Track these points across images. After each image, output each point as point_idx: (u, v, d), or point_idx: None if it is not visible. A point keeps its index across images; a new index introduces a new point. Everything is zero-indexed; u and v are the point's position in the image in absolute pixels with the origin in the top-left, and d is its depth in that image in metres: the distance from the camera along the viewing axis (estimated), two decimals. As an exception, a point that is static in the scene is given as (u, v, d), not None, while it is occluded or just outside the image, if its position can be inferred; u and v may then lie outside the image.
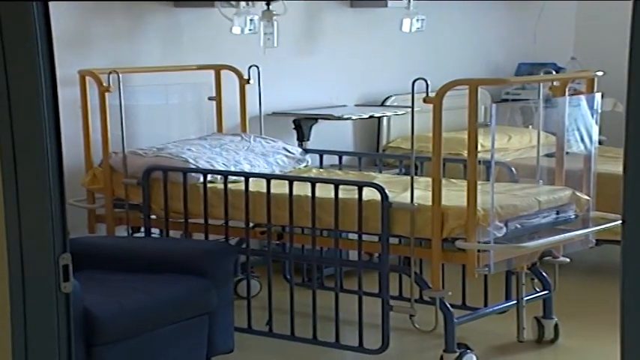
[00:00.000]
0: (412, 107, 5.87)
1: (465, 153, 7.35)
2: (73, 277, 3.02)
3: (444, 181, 5.82)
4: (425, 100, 5.74)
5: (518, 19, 10.08)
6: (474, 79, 5.84)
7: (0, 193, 2.89)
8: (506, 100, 8.69)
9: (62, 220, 3.03)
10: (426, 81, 5.72)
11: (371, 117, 8.36)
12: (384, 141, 8.66)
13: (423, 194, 5.90)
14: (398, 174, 7.40)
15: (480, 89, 5.98)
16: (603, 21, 10.22)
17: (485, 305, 6.52)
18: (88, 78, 6.63)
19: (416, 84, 5.74)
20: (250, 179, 6.28)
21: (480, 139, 7.87)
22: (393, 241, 6.01)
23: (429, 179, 5.94)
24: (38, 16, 2.98)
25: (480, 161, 6.25)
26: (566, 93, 6.43)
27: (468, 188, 5.67)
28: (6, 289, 2.91)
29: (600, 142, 7.20)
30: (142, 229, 6.75)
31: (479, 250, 5.69)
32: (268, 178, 6.25)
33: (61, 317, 3.00)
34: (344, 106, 8.52)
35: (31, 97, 2.95)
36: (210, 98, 7.45)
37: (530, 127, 8.68)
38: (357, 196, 5.89)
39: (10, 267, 2.91)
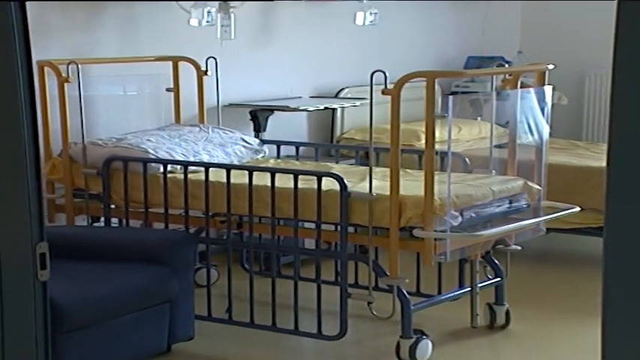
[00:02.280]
0: (371, 99, 5.82)
1: (418, 144, 7.47)
2: (49, 265, 3.01)
3: (400, 172, 5.77)
4: (383, 92, 5.71)
5: (467, 14, 10.10)
6: (431, 72, 5.86)
7: None
8: (455, 93, 8.70)
9: (39, 209, 2.99)
10: (384, 73, 5.68)
11: (326, 108, 8.37)
12: (338, 132, 8.67)
13: (380, 184, 5.88)
14: (354, 164, 7.39)
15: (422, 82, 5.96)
16: (548, 16, 10.36)
17: (439, 292, 6.52)
18: (46, 68, 6.57)
19: (375, 75, 5.68)
20: (210, 169, 6.25)
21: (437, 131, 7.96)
22: (351, 229, 5.96)
23: (385, 169, 5.97)
24: (16, 15, 2.94)
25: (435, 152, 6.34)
26: (518, 86, 6.44)
27: (426, 178, 5.65)
28: None
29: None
30: (102, 219, 6.70)
31: (435, 239, 5.69)
32: (228, 168, 6.22)
33: (38, 304, 2.98)
34: (299, 97, 8.52)
35: (9, 91, 2.92)
36: (168, 89, 7.42)
37: (479, 118, 8.71)
38: (316, 186, 5.87)
39: None
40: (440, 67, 9.35)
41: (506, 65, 9.39)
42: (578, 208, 6.49)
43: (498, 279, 6.50)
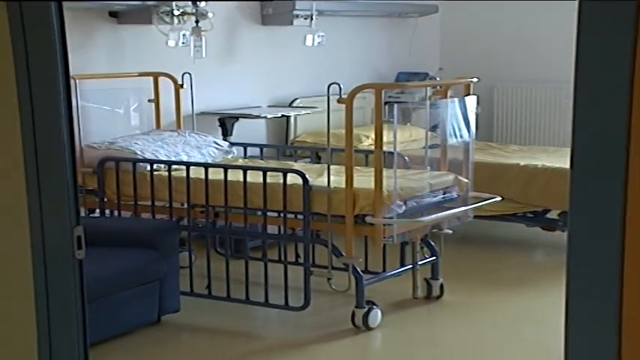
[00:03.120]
0: (328, 106, 5.92)
1: (360, 145, 7.57)
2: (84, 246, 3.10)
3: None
4: (339, 101, 5.80)
5: (397, 36, 10.19)
6: (379, 84, 5.98)
7: (23, 179, 2.96)
8: (388, 103, 8.80)
9: (75, 199, 3.10)
10: (339, 85, 5.77)
11: (282, 116, 8.44)
12: (292, 135, 8.74)
13: (335, 179, 5.96)
14: (309, 162, 7.49)
15: (366, 93, 6.07)
16: (462, 38, 10.47)
17: (384, 270, 6.62)
18: None
19: (331, 87, 5.77)
20: (190, 167, 6.32)
21: (372, 134, 8.05)
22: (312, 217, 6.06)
23: (338, 167, 6.08)
24: (55, 16, 3.03)
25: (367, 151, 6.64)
26: (448, 96, 6.56)
27: (375, 174, 5.78)
28: (29, 257, 2.98)
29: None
30: (97, 211, 6.75)
31: (384, 225, 5.80)
32: (206, 166, 6.32)
33: (76, 277, 3.12)
34: (259, 107, 8.59)
35: (51, 96, 3.01)
36: (150, 100, 7.48)
37: (409, 124, 8.80)
38: (281, 181, 5.97)
39: (33, 239, 2.99)
40: (374, 81, 9.22)
41: (430, 79, 9.59)
42: (499, 198, 6.63)
43: (434, 258, 6.65)
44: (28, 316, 3.05)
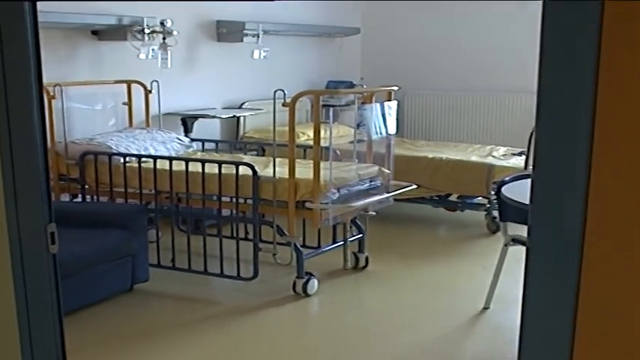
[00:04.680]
0: (274, 108, 5.47)
1: (298, 141, 7.15)
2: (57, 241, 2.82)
3: (287, 161, 5.52)
4: (284, 104, 5.41)
5: (326, 52, 9.84)
6: (317, 91, 5.58)
7: (0, 181, 2.59)
8: (322, 105, 8.43)
9: (48, 198, 2.78)
10: (283, 91, 5.40)
11: (233, 116, 8.01)
12: (241, 132, 8.32)
13: (279, 170, 5.58)
14: (256, 155, 7.07)
15: (304, 97, 5.65)
16: (379, 52, 10.14)
17: (319, 245, 6.24)
18: None
19: (277, 93, 5.35)
20: (157, 160, 5.92)
21: (307, 131, 7.66)
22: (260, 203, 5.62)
23: (280, 159, 5.68)
24: (29, 16, 2.61)
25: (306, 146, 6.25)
26: (373, 100, 6.16)
27: (314, 165, 5.41)
28: (7, 252, 2.66)
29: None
30: (79, 196, 6.31)
31: (321, 209, 5.40)
32: (170, 159, 5.89)
33: (50, 271, 2.85)
34: (214, 108, 8.18)
35: (24, 98, 2.61)
36: (124, 103, 7.05)
37: (336, 122, 8.48)
38: (234, 171, 5.57)
39: (10, 235, 2.66)
40: (309, 88, 9.04)
41: (354, 87, 9.32)
42: (414, 186, 6.30)
43: (360, 235, 6.29)
44: (8, 306, 2.70)
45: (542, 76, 1.88)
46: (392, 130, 6.10)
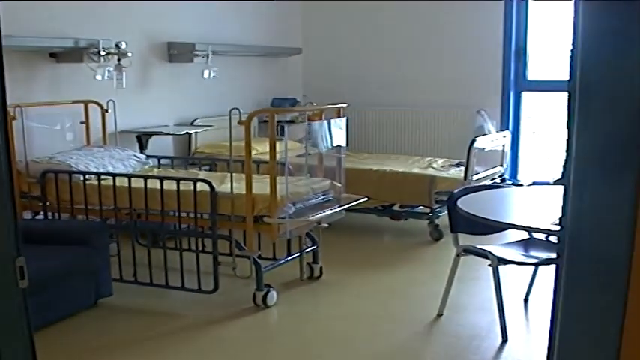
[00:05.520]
0: (230, 126, 5.29)
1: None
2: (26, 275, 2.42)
3: (238, 176, 5.40)
4: (239, 122, 5.17)
5: (271, 71, 9.63)
6: (272, 109, 5.41)
7: None
8: (265, 122, 8.18)
9: (16, 232, 2.40)
10: (238, 110, 5.22)
11: (186, 133, 7.73)
12: (193, 147, 8.03)
13: (235, 185, 5.33)
14: (209, 171, 6.79)
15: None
16: (319, 72, 9.95)
17: (274, 257, 6.03)
18: None
19: (232, 111, 5.18)
20: (116, 177, 5.65)
21: (257, 146, 7.40)
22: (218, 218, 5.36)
23: (238, 174, 5.47)
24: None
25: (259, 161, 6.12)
26: (323, 117, 5.95)
27: (270, 181, 5.17)
28: None
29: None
30: (41, 213, 5.97)
31: (279, 223, 5.16)
32: (129, 176, 5.61)
33: (22, 306, 2.41)
34: (166, 125, 7.88)
35: None
36: (81, 122, 6.71)
37: (283, 138, 8.26)
38: (192, 187, 5.31)
39: None
40: (256, 106, 8.85)
41: (299, 105, 9.12)
42: (366, 199, 6.08)
43: (314, 246, 6.05)
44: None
45: (581, 79, 1.66)
46: (342, 144, 5.89)
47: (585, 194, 1.76)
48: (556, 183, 5.71)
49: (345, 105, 6.00)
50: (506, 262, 4.68)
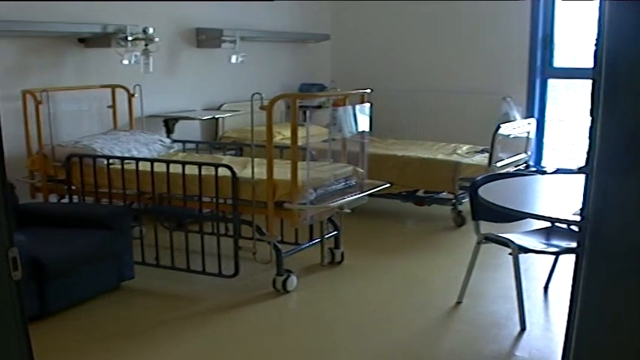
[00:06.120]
0: (252, 111, 5.11)
1: (275, 141, 6.83)
2: (20, 267, 2.26)
3: (261, 161, 5.22)
4: (261, 108, 5.03)
5: (299, 57, 9.46)
6: (294, 94, 5.25)
7: None
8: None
9: (8, 221, 2.23)
10: (260, 95, 5.05)
11: (212, 117, 7.61)
12: (220, 132, 7.92)
13: (258, 170, 5.21)
14: (234, 155, 6.66)
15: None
16: (347, 58, 9.79)
17: (297, 242, 5.89)
18: (27, 95, 5.78)
19: (254, 96, 5.02)
20: (139, 162, 5.54)
21: (282, 131, 7.28)
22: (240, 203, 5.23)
23: (257, 159, 5.31)
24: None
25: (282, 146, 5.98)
26: (347, 102, 5.78)
27: (292, 166, 5.04)
28: None
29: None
30: (66, 197, 5.87)
31: (299, 209, 5.02)
32: (152, 161, 5.51)
33: (15, 299, 2.24)
34: (194, 110, 7.76)
35: None
36: (108, 106, 6.60)
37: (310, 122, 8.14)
38: (214, 172, 5.20)
39: None
40: (283, 90, 8.72)
41: (326, 90, 8.97)
42: (388, 184, 5.91)
43: (336, 232, 5.90)
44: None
45: (607, 68, 1.51)
46: (366, 129, 5.72)
47: (610, 184, 1.62)
48: (580, 171, 5.50)
49: (369, 90, 5.84)
50: (527, 250, 4.50)
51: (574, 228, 4.73)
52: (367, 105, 5.69)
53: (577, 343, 1.99)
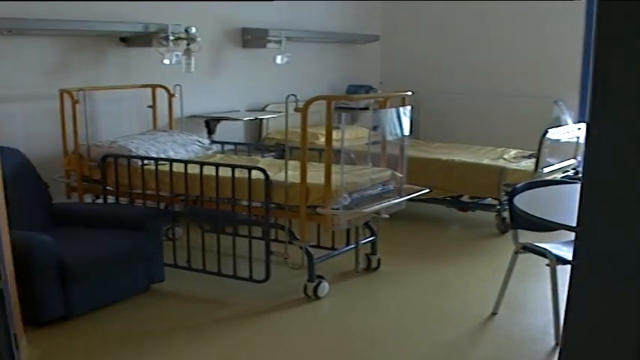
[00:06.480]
0: (286, 113, 5.11)
1: (317, 142, 6.74)
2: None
3: (307, 164, 4.99)
4: (296, 109, 4.92)
5: (347, 58, 9.33)
6: (329, 96, 5.01)
7: None
8: (340, 108, 7.89)
9: None
10: (295, 96, 4.94)
11: (256, 118, 7.52)
12: (264, 133, 7.82)
13: (293, 173, 5.10)
14: (274, 157, 6.55)
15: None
16: (396, 60, 9.65)
17: (333, 247, 5.75)
18: (64, 94, 5.72)
19: (289, 97, 4.97)
20: (173, 163, 5.46)
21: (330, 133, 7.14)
22: (273, 206, 5.11)
23: (297, 162, 5.14)
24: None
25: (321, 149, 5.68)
26: (387, 105, 5.64)
27: (326, 170, 4.89)
28: None
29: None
30: (101, 197, 5.82)
31: (332, 214, 4.89)
32: (186, 162, 5.40)
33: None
34: (238, 111, 7.68)
35: None
36: (148, 106, 6.54)
37: (356, 124, 8.03)
38: (247, 175, 5.08)
39: None
40: (330, 92, 8.73)
41: (371, 91, 8.82)
42: (427, 190, 5.73)
43: (373, 237, 5.74)
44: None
45: (601, 80, 1.41)
46: (406, 132, 5.56)
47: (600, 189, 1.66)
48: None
49: (409, 93, 5.68)
50: (565, 261, 4.30)
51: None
52: (408, 108, 5.53)
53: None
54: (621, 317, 1.63)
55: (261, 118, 7.63)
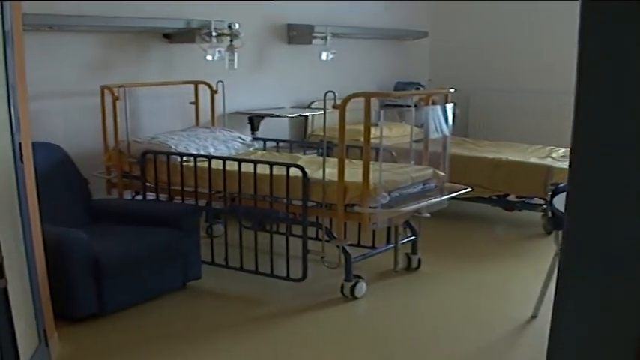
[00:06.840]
0: (324, 110, 5.07)
1: (361, 139, 6.63)
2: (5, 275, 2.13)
3: (346, 162, 4.91)
4: (334, 106, 4.86)
5: (395, 54, 9.21)
6: (367, 93, 4.91)
7: None
8: (388, 105, 7.79)
9: None
10: (334, 93, 4.88)
11: (300, 115, 7.43)
12: (309, 131, 7.75)
13: (331, 171, 5.01)
14: (316, 154, 6.47)
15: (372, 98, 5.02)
16: (446, 56, 9.53)
17: (373, 245, 5.64)
18: (105, 90, 5.72)
19: (327, 94, 4.90)
20: (212, 160, 5.40)
21: (373, 131, 7.05)
22: (311, 204, 5.02)
23: (336, 160, 5.04)
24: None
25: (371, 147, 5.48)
26: (430, 102, 5.54)
27: (364, 168, 4.81)
28: None
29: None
30: (141, 194, 5.80)
31: (370, 213, 4.79)
32: (224, 159, 5.35)
33: (1, 306, 2.09)
34: (282, 107, 7.63)
35: None
36: (190, 103, 6.51)
37: (403, 122, 7.93)
38: (285, 173, 5.01)
39: None
40: (377, 88, 8.60)
41: (421, 88, 8.71)
42: (469, 189, 5.60)
43: (413, 237, 5.63)
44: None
45: (587, 80, 1.40)
46: (448, 132, 5.45)
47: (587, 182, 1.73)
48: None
49: (452, 90, 5.56)
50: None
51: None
52: (450, 105, 5.42)
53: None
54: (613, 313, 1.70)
55: (305, 115, 7.56)
